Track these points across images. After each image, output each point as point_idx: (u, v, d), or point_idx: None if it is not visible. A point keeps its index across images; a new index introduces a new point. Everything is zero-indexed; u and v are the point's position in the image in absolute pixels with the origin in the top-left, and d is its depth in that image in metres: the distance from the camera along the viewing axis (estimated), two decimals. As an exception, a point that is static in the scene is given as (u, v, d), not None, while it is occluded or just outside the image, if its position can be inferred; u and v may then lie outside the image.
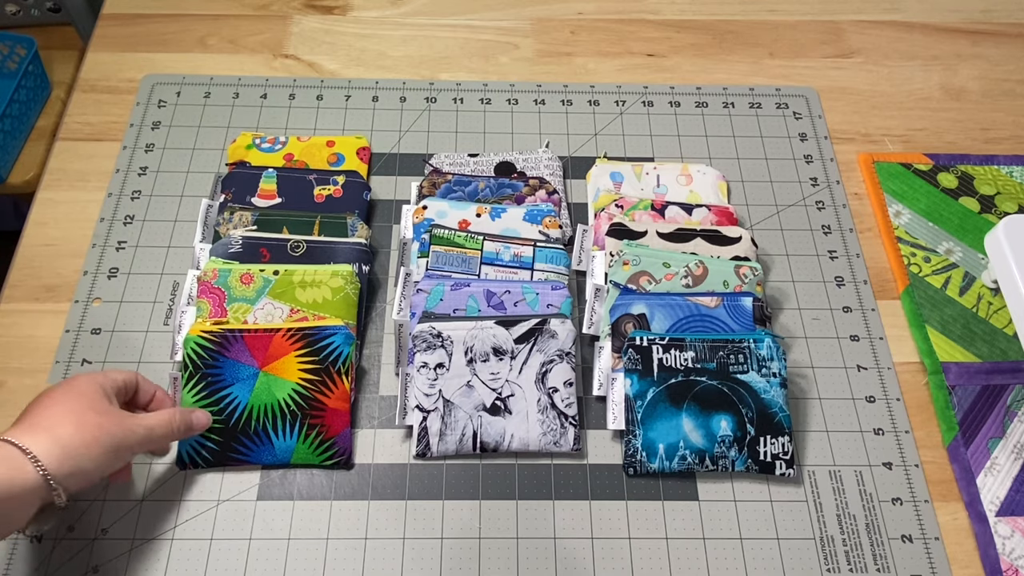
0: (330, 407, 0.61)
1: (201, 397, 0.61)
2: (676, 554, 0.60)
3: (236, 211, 0.72)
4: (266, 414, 0.61)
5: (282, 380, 0.61)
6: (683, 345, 0.64)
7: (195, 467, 0.61)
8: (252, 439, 0.60)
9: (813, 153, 0.83)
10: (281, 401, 0.61)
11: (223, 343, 0.61)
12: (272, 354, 0.61)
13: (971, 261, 0.76)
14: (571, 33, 0.92)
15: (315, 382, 0.61)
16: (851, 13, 0.95)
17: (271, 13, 0.92)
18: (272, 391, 0.61)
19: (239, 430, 0.61)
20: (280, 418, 0.61)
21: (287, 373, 0.61)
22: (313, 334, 0.61)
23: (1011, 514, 0.63)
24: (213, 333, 0.61)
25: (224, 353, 0.61)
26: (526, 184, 0.75)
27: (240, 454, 0.61)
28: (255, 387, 0.61)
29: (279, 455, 0.61)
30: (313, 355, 0.61)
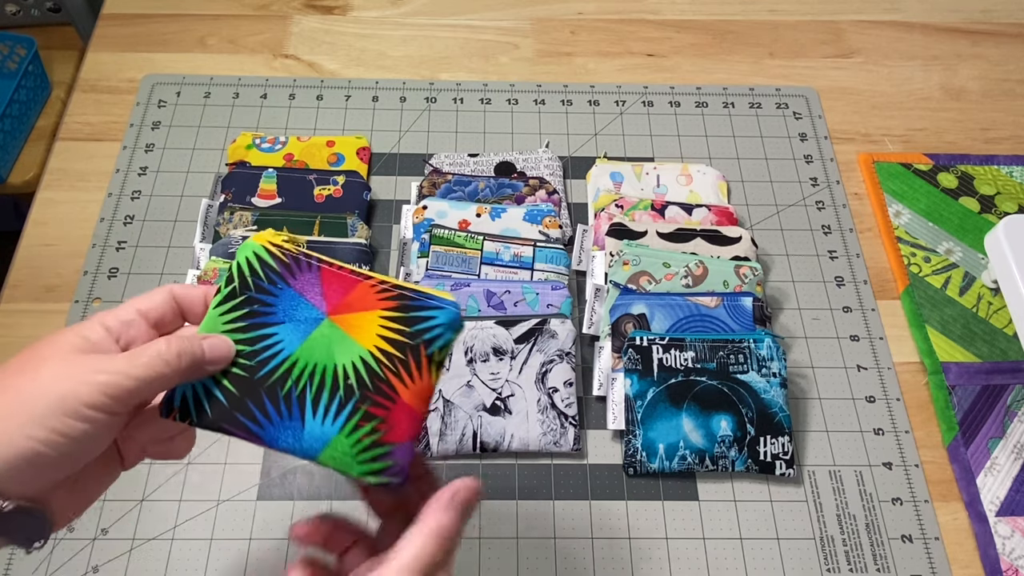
0: (402, 399, 0.41)
1: (234, 328, 0.42)
2: (676, 554, 0.60)
3: (236, 211, 0.72)
4: (312, 377, 0.41)
5: (350, 339, 0.42)
6: (683, 345, 0.64)
7: (184, 419, 0.40)
8: (277, 406, 0.41)
9: (813, 153, 0.83)
10: (340, 367, 0.42)
11: (292, 266, 0.43)
12: (350, 302, 0.43)
13: (971, 261, 0.76)
14: (571, 33, 0.92)
15: (394, 358, 0.42)
16: (851, 13, 0.95)
17: (271, 13, 0.92)
18: (332, 349, 0.42)
19: (266, 387, 0.41)
20: (328, 389, 0.41)
21: (361, 332, 0.42)
22: (413, 298, 0.43)
23: (1011, 514, 0.63)
24: (285, 249, 0.43)
25: (288, 279, 0.43)
26: (526, 184, 0.75)
27: (251, 423, 0.41)
28: (311, 336, 0.42)
29: (305, 443, 0.41)
30: (404, 323, 0.42)
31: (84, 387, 0.35)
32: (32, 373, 0.35)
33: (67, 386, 0.35)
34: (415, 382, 0.42)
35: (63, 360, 0.36)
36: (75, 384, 0.35)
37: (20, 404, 0.34)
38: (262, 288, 0.43)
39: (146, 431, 0.41)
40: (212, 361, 0.39)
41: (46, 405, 0.34)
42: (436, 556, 0.37)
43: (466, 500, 0.39)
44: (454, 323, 0.43)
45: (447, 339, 0.43)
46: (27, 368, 0.36)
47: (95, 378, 0.35)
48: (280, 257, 0.43)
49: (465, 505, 0.39)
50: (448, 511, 0.38)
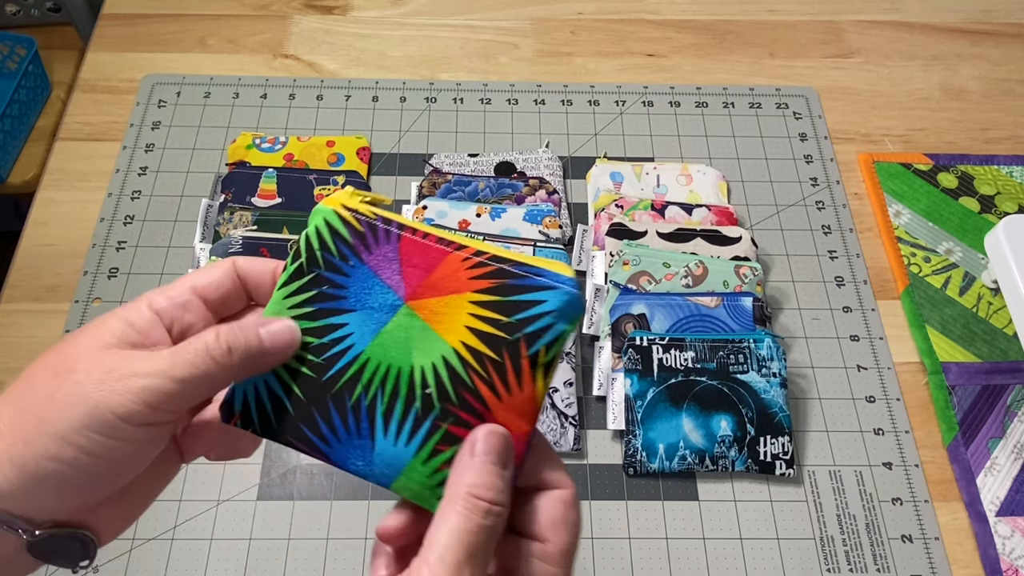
0: (495, 415, 0.32)
1: (301, 314, 0.34)
2: (676, 554, 0.60)
3: (236, 211, 0.72)
4: (383, 383, 0.32)
5: (432, 333, 0.32)
6: (683, 345, 0.64)
7: (245, 426, 0.34)
8: (344, 418, 0.33)
9: (813, 153, 0.83)
10: (417, 371, 0.32)
11: (368, 235, 0.33)
12: (435, 281, 0.32)
13: (971, 261, 0.76)
14: (571, 33, 0.92)
15: (485, 360, 0.32)
16: (851, 13, 0.95)
17: (271, 13, 0.92)
18: (410, 346, 0.32)
19: (333, 392, 0.33)
20: (403, 400, 0.32)
21: (446, 322, 0.32)
22: (516, 274, 0.32)
23: (1011, 514, 0.63)
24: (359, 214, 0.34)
25: (362, 254, 0.33)
26: (526, 184, 0.75)
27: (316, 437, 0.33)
28: (385, 329, 0.33)
29: (376, 467, 0.33)
30: (501, 311, 0.32)
31: (117, 396, 0.28)
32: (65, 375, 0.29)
33: (97, 395, 0.28)
34: (512, 393, 0.31)
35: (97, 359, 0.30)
36: (107, 392, 0.28)
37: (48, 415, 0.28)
38: (333, 265, 0.34)
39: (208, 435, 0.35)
40: (273, 352, 0.32)
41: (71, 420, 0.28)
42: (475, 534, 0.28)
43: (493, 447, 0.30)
44: (570, 309, 0.31)
45: (559, 332, 0.31)
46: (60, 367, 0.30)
47: (131, 384, 0.29)
48: (354, 225, 0.34)
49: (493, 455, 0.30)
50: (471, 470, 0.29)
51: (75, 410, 0.28)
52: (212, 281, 0.33)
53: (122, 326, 0.31)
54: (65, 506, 0.30)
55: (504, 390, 0.31)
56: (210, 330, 0.31)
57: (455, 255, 0.32)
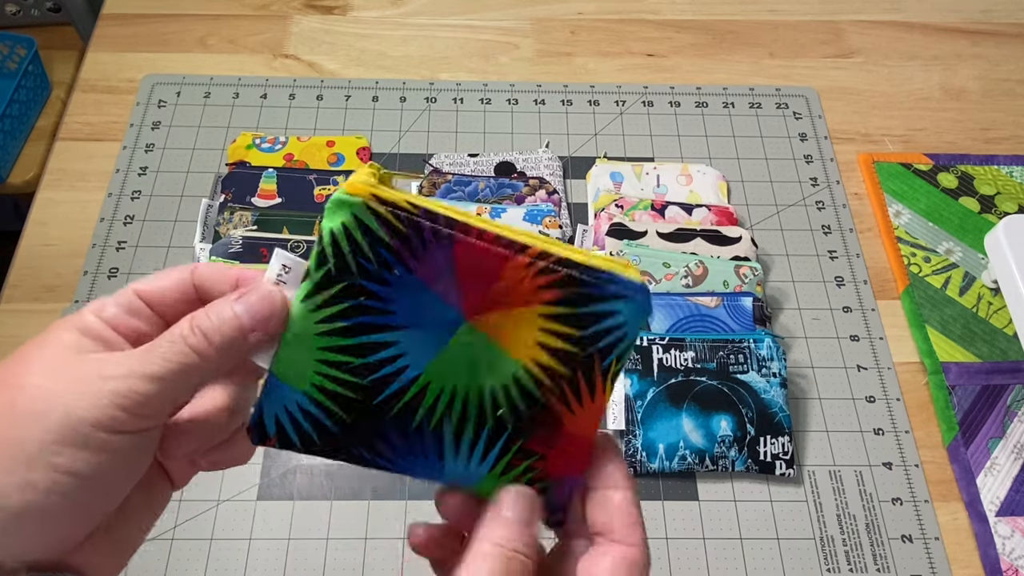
0: (567, 430, 0.31)
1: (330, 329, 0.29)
2: (676, 554, 0.60)
3: (236, 211, 0.72)
4: (450, 407, 0.30)
5: (500, 351, 0.30)
6: (683, 345, 0.64)
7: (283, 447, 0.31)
8: (407, 442, 0.30)
9: (813, 153, 0.83)
10: (487, 393, 0.30)
11: (412, 238, 0.28)
12: (498, 294, 0.29)
13: (971, 261, 0.76)
14: (571, 33, 0.92)
15: (558, 377, 0.30)
16: (851, 13, 0.95)
17: (271, 13, 0.92)
18: (476, 366, 0.30)
19: (389, 417, 0.30)
20: (473, 423, 0.30)
21: (514, 338, 0.30)
22: (587, 282, 0.29)
23: (1011, 514, 0.63)
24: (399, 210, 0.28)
25: (407, 260, 0.29)
26: (526, 184, 0.75)
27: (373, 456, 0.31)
28: (446, 349, 0.30)
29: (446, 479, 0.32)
30: (574, 324, 0.29)
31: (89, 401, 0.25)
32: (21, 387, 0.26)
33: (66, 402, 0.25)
34: (584, 406, 0.30)
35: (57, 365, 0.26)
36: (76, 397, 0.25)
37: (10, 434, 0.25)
38: (370, 274, 0.29)
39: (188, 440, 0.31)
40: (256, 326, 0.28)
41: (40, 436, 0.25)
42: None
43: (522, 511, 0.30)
44: (642, 317, 0.30)
45: (630, 342, 0.30)
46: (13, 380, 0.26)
47: (102, 387, 0.25)
48: (393, 224, 0.28)
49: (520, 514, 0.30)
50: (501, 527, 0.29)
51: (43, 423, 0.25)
52: (160, 287, 0.30)
53: (74, 336, 0.27)
54: (44, 544, 0.25)
55: (577, 404, 0.30)
56: (183, 320, 0.28)
57: (517, 260, 0.28)
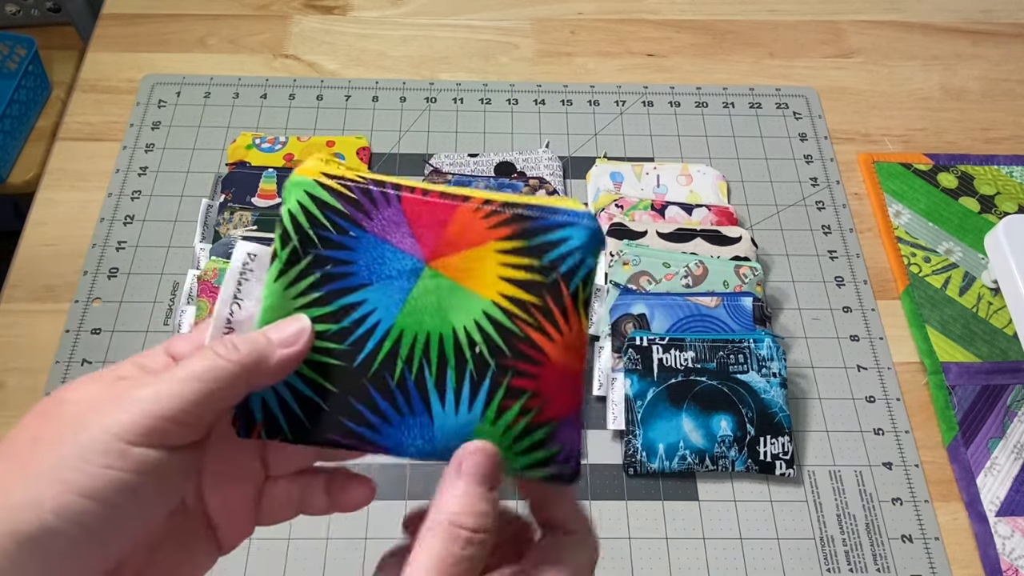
0: (552, 359, 0.30)
1: (308, 302, 0.31)
2: (676, 554, 0.60)
3: (236, 211, 0.72)
4: (427, 353, 0.30)
5: (465, 290, 0.30)
6: (683, 345, 0.64)
7: (273, 435, 0.30)
8: (392, 400, 0.30)
9: (813, 153, 0.83)
10: (461, 331, 0.30)
11: (363, 202, 0.30)
12: (452, 237, 0.30)
13: (971, 261, 0.76)
14: (571, 33, 0.92)
15: (529, 306, 0.30)
16: (851, 13, 0.95)
17: (271, 13, 0.92)
18: (444, 308, 0.30)
19: (370, 376, 0.30)
20: (453, 366, 0.30)
21: (477, 277, 0.30)
22: (533, 217, 0.30)
23: (1011, 514, 0.63)
24: (346, 180, 0.31)
25: (361, 222, 0.30)
26: (526, 184, 0.75)
27: (363, 428, 0.30)
28: (411, 296, 0.30)
29: (439, 442, 0.30)
30: (530, 255, 0.30)
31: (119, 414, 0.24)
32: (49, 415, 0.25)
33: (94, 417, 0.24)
34: (563, 333, 0.30)
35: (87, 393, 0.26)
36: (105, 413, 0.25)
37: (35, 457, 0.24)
38: (330, 241, 0.30)
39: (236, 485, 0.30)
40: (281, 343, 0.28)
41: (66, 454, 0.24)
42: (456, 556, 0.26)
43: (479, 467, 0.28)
44: (594, 242, 0.30)
45: (590, 267, 0.30)
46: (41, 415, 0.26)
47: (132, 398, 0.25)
48: (343, 192, 0.30)
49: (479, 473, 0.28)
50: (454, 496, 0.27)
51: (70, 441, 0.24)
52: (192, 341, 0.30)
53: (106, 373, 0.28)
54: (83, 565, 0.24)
55: (555, 331, 0.30)
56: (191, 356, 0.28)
57: (464, 206, 0.30)
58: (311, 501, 0.32)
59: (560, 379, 0.30)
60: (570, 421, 0.30)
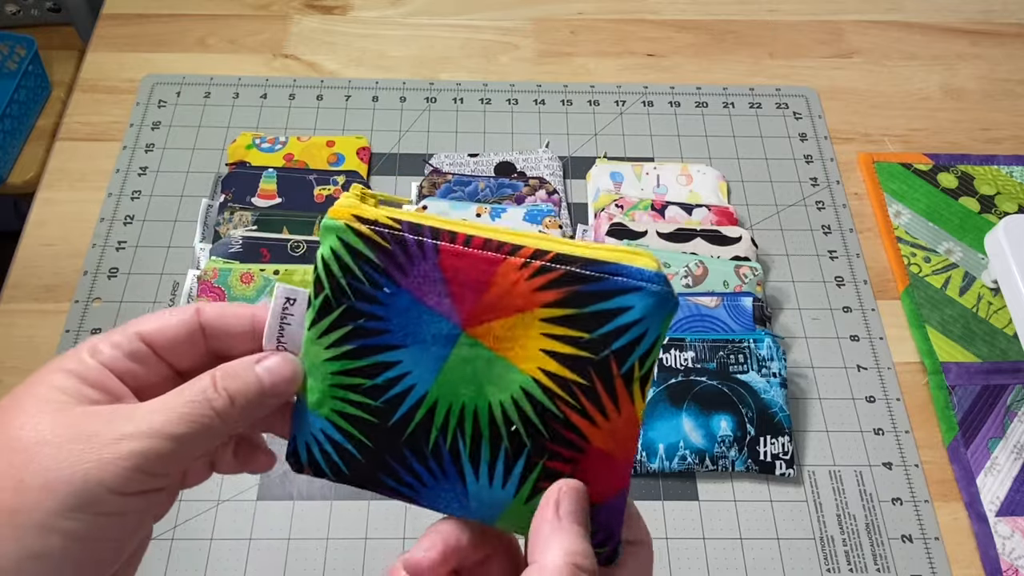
0: (593, 447, 0.28)
1: (338, 353, 0.29)
2: (676, 554, 0.60)
3: (236, 211, 0.72)
4: (461, 424, 0.28)
5: (503, 362, 0.28)
6: (683, 345, 0.64)
7: (319, 475, 0.30)
8: (426, 464, 0.29)
9: (813, 153, 0.83)
10: (496, 407, 0.28)
11: (396, 252, 0.28)
12: (493, 300, 0.27)
13: (971, 261, 0.76)
14: (571, 33, 0.92)
15: (572, 386, 0.27)
16: (851, 13, 0.95)
17: (271, 13, 0.92)
18: (480, 380, 0.28)
19: (405, 438, 0.29)
20: (487, 441, 0.28)
21: (517, 347, 0.28)
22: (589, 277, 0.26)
23: (1011, 514, 0.63)
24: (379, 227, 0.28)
25: (395, 275, 0.28)
26: (526, 184, 0.75)
27: (398, 485, 0.30)
28: (447, 363, 0.28)
29: (473, 510, 0.29)
30: (580, 326, 0.27)
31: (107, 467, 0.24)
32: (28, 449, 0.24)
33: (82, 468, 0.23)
34: (610, 418, 0.27)
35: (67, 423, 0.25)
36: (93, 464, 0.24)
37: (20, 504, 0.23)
38: (363, 294, 0.28)
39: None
40: (273, 392, 0.28)
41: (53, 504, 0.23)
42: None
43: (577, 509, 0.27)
44: (662, 310, 0.26)
45: (651, 341, 0.26)
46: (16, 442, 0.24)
47: (120, 448, 0.24)
48: (377, 241, 0.27)
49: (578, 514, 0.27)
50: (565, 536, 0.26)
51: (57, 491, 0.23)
52: (164, 330, 0.28)
53: (71, 382, 0.26)
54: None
55: (600, 416, 0.27)
56: (203, 377, 0.27)
57: (510, 262, 0.26)
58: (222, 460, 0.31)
59: (602, 465, 0.28)
60: (610, 505, 0.28)
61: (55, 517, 0.23)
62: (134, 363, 0.27)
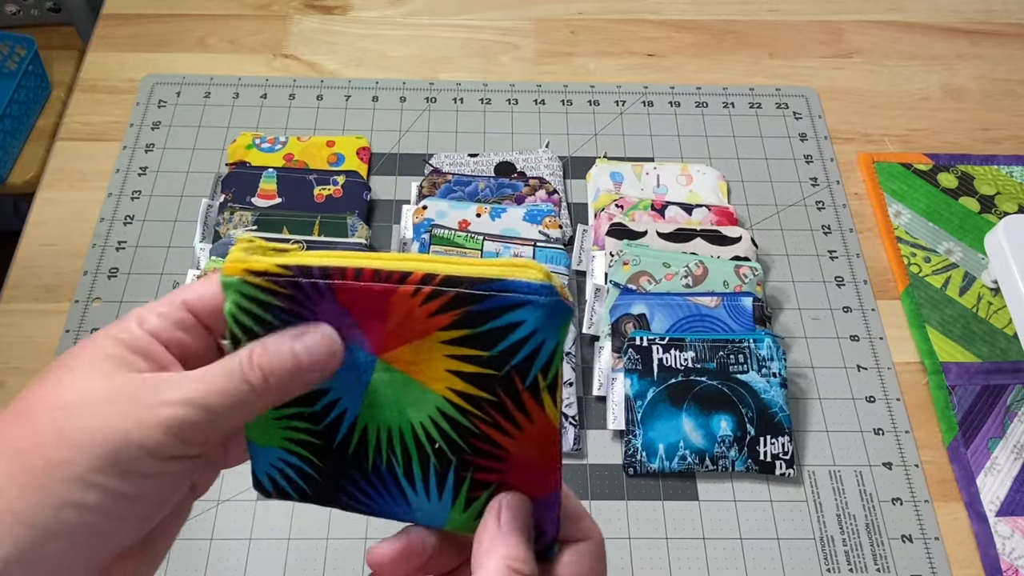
0: (514, 456, 0.29)
1: None
2: (676, 554, 0.60)
3: (236, 211, 0.72)
4: (392, 447, 0.30)
5: (416, 384, 0.29)
6: (683, 345, 0.64)
7: (285, 499, 0.32)
8: (371, 483, 0.31)
9: (813, 153, 0.83)
10: (418, 427, 0.29)
11: (297, 296, 0.28)
12: (395, 329, 0.28)
13: (971, 261, 0.76)
14: (571, 33, 0.92)
15: (482, 403, 0.28)
16: (851, 13, 0.95)
17: (271, 13, 0.92)
18: (400, 402, 0.29)
19: (348, 460, 0.31)
20: (416, 459, 0.30)
21: (428, 374, 0.29)
22: (479, 297, 0.27)
23: (1011, 514, 0.63)
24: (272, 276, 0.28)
25: (305, 315, 0.28)
26: (526, 184, 0.75)
27: (354, 502, 0.32)
28: (369, 388, 0.29)
29: (421, 519, 0.31)
30: (478, 346, 0.27)
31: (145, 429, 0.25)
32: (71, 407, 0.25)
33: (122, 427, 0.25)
34: (524, 428, 0.28)
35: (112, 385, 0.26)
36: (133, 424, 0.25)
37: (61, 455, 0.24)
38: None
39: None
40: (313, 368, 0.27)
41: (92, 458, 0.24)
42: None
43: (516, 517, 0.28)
44: (555, 319, 0.27)
45: (550, 349, 0.27)
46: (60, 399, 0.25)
47: (158, 413, 0.25)
48: (275, 289, 0.28)
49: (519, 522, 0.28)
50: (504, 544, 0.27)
51: (96, 447, 0.24)
52: (205, 294, 0.29)
53: (118, 349, 0.27)
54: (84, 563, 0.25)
55: (513, 427, 0.28)
56: (242, 352, 0.27)
57: (401, 290, 0.27)
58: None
59: (527, 470, 0.29)
60: (543, 501, 0.29)
61: (94, 472, 0.24)
62: (180, 331, 0.28)
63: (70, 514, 0.24)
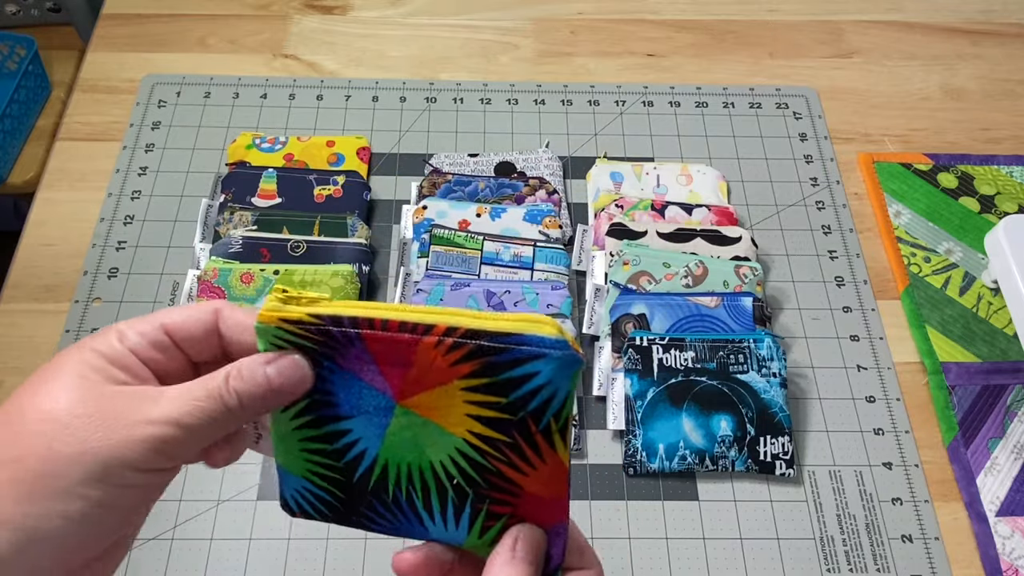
0: (527, 491, 0.32)
1: (302, 423, 0.33)
2: (676, 554, 0.60)
3: (236, 211, 0.72)
4: (411, 482, 0.33)
5: (436, 427, 0.31)
6: (683, 345, 0.64)
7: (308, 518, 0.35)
8: (391, 512, 0.34)
9: (813, 153, 0.83)
10: (437, 465, 0.32)
11: (327, 342, 0.31)
12: (418, 377, 0.31)
13: (971, 261, 0.76)
14: (571, 33, 0.92)
15: (499, 444, 0.31)
16: (851, 13, 0.95)
17: (271, 13, 0.92)
18: (419, 443, 0.32)
19: (369, 491, 0.33)
20: (435, 493, 0.33)
21: (445, 414, 0.31)
22: (498, 349, 0.29)
23: (1011, 514, 0.63)
24: (305, 325, 0.30)
25: (334, 358, 0.31)
26: (526, 184, 0.75)
27: (375, 525, 0.34)
28: (388, 431, 0.32)
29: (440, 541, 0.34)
30: (496, 393, 0.30)
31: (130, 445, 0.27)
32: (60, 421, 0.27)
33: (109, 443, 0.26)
34: (537, 467, 0.31)
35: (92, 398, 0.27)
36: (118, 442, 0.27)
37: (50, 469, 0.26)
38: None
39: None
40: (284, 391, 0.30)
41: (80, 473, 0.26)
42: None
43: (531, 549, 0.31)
44: (567, 371, 0.29)
45: (563, 397, 0.29)
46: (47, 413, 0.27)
47: (143, 431, 0.27)
48: (307, 335, 0.30)
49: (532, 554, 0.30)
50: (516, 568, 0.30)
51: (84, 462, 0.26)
52: (185, 320, 0.31)
53: (102, 362, 0.28)
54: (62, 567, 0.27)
55: (528, 466, 0.31)
56: (218, 373, 0.29)
57: (425, 341, 0.29)
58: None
59: (538, 505, 0.32)
60: (551, 531, 0.32)
61: (81, 485, 0.26)
62: (156, 352, 0.30)
63: (55, 522, 0.26)
